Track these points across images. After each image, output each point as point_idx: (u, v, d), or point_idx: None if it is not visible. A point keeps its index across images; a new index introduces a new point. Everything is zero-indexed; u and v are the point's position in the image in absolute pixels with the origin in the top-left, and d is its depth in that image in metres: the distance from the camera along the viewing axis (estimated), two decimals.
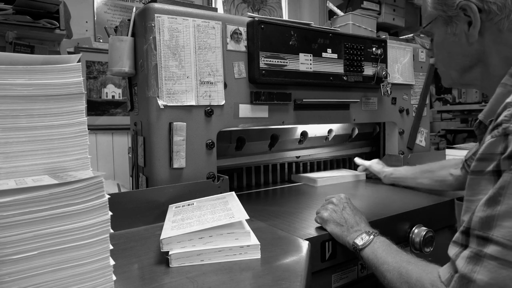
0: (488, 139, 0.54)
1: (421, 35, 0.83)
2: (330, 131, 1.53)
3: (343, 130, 1.57)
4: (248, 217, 0.71)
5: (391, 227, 0.96)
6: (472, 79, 0.74)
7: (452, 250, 0.55)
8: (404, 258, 0.67)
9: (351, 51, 1.32)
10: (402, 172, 1.30)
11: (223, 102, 1.10)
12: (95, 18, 2.23)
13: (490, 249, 0.49)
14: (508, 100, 0.54)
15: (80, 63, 0.50)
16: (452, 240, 0.56)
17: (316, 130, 1.48)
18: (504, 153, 0.51)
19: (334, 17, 1.69)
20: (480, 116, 0.69)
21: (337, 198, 0.89)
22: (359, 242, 0.76)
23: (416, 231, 0.98)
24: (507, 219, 0.48)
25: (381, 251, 0.72)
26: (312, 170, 1.59)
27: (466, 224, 0.54)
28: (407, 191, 1.24)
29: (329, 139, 1.53)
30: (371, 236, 0.76)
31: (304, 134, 1.45)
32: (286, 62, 1.18)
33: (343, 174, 1.48)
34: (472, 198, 0.56)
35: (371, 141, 1.73)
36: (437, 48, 0.77)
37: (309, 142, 1.50)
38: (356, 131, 1.60)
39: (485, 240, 0.50)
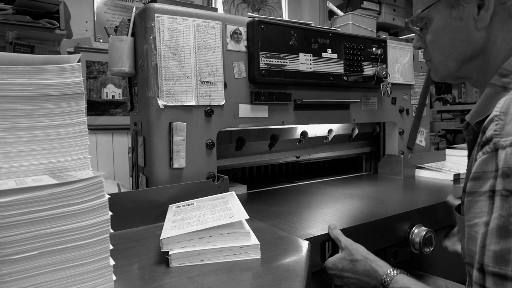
0: (479, 156, 0.51)
1: (416, 20, 0.72)
2: (330, 131, 1.53)
3: (343, 130, 1.57)
4: (248, 217, 0.71)
5: (391, 227, 0.96)
6: (470, 72, 0.68)
7: None
8: None
9: (351, 51, 1.32)
10: None
11: (223, 102, 1.10)
12: (95, 18, 2.23)
13: None
14: (494, 113, 0.51)
15: (80, 63, 0.50)
16: (473, 280, 0.51)
17: (316, 130, 1.48)
18: (497, 170, 0.47)
19: (334, 17, 1.69)
20: (467, 117, 0.65)
21: (332, 266, 0.82)
22: (392, 272, 0.72)
23: (416, 231, 0.98)
24: None
25: (414, 283, 0.68)
26: (312, 170, 1.59)
27: (479, 260, 0.49)
28: (407, 191, 1.24)
29: (329, 139, 1.53)
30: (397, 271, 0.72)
31: (304, 134, 1.45)
32: (286, 62, 1.18)
33: None
34: (471, 223, 0.52)
35: (371, 141, 1.73)
36: (436, 34, 0.68)
37: (309, 142, 1.49)
38: (356, 131, 1.60)
39: (502, 279, 0.45)
